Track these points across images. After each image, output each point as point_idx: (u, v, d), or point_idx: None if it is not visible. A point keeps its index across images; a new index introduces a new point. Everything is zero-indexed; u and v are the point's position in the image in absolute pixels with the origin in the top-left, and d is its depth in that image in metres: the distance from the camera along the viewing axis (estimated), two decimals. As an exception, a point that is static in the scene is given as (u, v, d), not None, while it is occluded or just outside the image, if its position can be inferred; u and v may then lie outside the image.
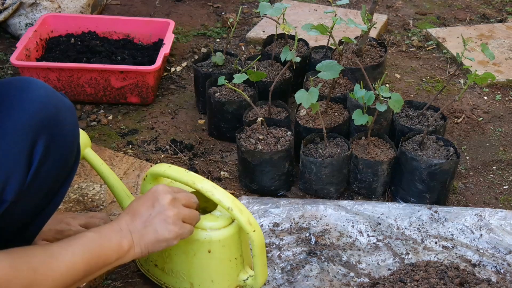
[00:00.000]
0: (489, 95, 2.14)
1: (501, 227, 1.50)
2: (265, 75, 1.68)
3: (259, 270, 1.24)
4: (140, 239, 1.11)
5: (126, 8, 2.71)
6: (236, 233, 1.23)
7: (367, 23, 1.72)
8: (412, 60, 2.36)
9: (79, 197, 1.58)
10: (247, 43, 2.45)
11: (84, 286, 1.33)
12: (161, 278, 1.32)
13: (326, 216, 1.53)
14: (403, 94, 2.13)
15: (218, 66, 1.94)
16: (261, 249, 1.21)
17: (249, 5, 2.80)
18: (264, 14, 1.68)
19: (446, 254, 1.43)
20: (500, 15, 2.71)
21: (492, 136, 1.94)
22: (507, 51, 2.37)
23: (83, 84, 1.95)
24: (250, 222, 1.18)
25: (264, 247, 1.22)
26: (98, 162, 1.36)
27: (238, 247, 1.24)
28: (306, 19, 2.54)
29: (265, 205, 1.57)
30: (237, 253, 1.25)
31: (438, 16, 2.70)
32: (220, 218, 1.23)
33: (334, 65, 1.52)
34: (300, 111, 1.75)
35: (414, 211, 1.55)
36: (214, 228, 1.21)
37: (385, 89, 1.51)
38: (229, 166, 1.78)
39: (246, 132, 1.66)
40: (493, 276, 1.37)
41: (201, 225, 1.21)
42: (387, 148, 1.64)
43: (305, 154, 1.61)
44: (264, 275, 1.26)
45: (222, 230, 1.21)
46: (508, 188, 1.72)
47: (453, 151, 1.59)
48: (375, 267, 1.40)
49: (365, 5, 2.37)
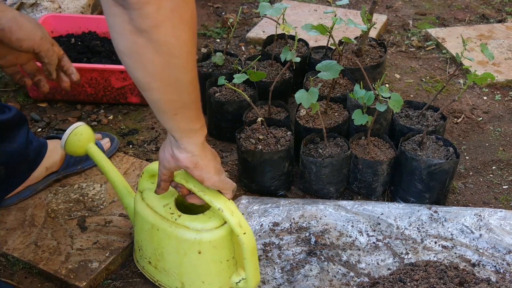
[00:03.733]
0: (488, 95, 2.15)
1: (501, 227, 1.50)
2: (265, 75, 1.68)
3: (250, 273, 1.23)
4: None
5: (126, 8, 2.71)
6: (228, 235, 1.21)
7: (367, 23, 1.72)
8: (412, 60, 2.36)
9: (79, 197, 1.58)
10: (247, 43, 2.45)
11: (83, 286, 1.34)
12: (155, 275, 1.32)
13: (326, 216, 1.53)
14: (403, 94, 2.13)
15: (218, 66, 1.94)
16: (252, 252, 1.20)
17: (249, 5, 2.80)
18: (264, 14, 1.69)
19: (445, 254, 1.44)
20: (499, 15, 2.71)
21: (492, 136, 1.94)
22: (506, 51, 2.37)
23: (83, 84, 1.96)
24: (241, 225, 1.17)
25: (256, 250, 1.21)
26: (100, 157, 1.36)
27: (230, 249, 1.23)
28: (306, 19, 2.54)
29: (265, 205, 1.57)
30: (229, 255, 1.24)
31: (437, 16, 2.70)
32: (212, 219, 1.22)
33: (334, 65, 1.52)
34: (300, 111, 1.75)
35: (414, 211, 1.55)
36: (205, 229, 1.20)
37: (385, 89, 1.51)
38: (229, 166, 1.78)
39: (246, 132, 1.66)
40: (492, 275, 1.37)
41: (192, 225, 1.21)
42: (387, 148, 1.65)
43: (305, 154, 1.61)
44: (256, 278, 1.25)
45: (213, 231, 1.20)
46: (507, 188, 1.72)
47: (453, 151, 1.59)
48: (375, 267, 1.41)
49: (365, 5, 2.37)
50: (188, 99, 1.01)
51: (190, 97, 1.02)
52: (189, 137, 1.06)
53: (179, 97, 1.00)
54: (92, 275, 1.36)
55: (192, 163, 1.09)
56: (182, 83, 0.98)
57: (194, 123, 1.06)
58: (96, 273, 1.36)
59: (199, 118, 1.07)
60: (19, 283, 1.38)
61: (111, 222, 1.50)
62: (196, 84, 1.02)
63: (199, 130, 1.07)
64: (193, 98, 1.03)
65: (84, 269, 1.37)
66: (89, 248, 1.43)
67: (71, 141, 1.34)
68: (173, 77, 0.96)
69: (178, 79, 0.97)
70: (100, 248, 1.43)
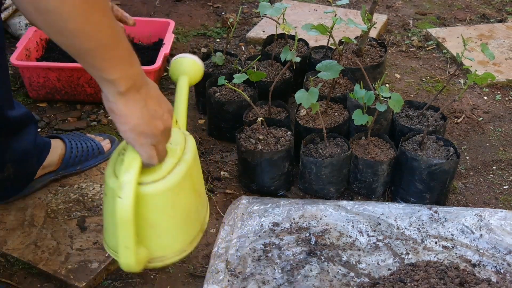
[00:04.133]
0: (489, 95, 2.14)
1: (501, 227, 1.50)
2: (265, 75, 1.68)
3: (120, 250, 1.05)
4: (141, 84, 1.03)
5: (126, 8, 2.71)
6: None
7: (367, 23, 1.72)
8: (412, 60, 2.36)
9: (79, 197, 1.58)
10: (247, 43, 2.45)
11: (83, 286, 1.33)
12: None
13: (326, 216, 1.53)
14: (403, 94, 2.13)
15: (218, 66, 1.94)
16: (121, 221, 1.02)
17: (249, 5, 2.80)
18: (264, 14, 1.68)
19: (446, 254, 1.43)
20: (500, 15, 2.71)
21: (492, 136, 1.94)
22: (507, 51, 2.37)
23: (83, 84, 1.95)
24: (122, 187, 1.02)
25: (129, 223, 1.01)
26: (179, 92, 1.32)
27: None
28: (306, 19, 2.54)
29: (265, 205, 1.57)
30: None
31: (438, 16, 2.70)
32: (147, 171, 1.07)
33: (334, 65, 1.52)
34: (300, 111, 1.75)
35: (414, 211, 1.55)
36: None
37: (385, 89, 1.51)
38: (229, 166, 1.78)
39: (246, 132, 1.66)
40: (493, 276, 1.37)
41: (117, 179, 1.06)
42: (387, 148, 1.65)
43: (305, 154, 1.61)
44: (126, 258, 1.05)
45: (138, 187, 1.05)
46: (508, 188, 1.72)
47: (453, 151, 1.59)
48: (375, 267, 1.40)
49: (365, 5, 2.37)
50: (82, 48, 0.95)
51: (83, 46, 0.95)
52: (103, 85, 1.00)
53: (72, 45, 0.95)
54: (91, 275, 1.36)
55: (108, 109, 1.03)
56: (69, 31, 0.92)
57: (104, 72, 0.98)
58: (95, 273, 1.36)
59: (113, 68, 0.98)
60: (19, 283, 1.38)
61: (111, 222, 1.50)
62: (91, 33, 0.94)
63: (116, 80, 0.98)
64: (90, 47, 0.95)
65: (84, 269, 1.37)
66: (89, 248, 1.42)
67: (173, 65, 1.33)
68: (57, 26, 0.92)
69: (62, 28, 0.92)
70: (100, 248, 1.42)
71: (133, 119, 1.01)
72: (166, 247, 1.12)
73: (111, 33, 0.96)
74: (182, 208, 1.12)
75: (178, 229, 1.13)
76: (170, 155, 1.10)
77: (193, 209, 1.15)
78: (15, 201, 1.55)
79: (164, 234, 1.11)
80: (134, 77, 1.00)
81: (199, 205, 1.18)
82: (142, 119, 1.02)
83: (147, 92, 1.02)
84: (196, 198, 1.16)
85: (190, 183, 1.13)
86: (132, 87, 0.99)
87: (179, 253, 1.14)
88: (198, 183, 1.18)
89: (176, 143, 1.13)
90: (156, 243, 1.10)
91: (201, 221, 1.19)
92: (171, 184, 1.07)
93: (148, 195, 1.05)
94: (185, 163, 1.10)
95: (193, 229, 1.16)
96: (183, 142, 1.15)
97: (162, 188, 1.06)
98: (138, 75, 1.00)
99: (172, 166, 1.08)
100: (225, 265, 1.39)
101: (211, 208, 1.62)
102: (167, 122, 1.05)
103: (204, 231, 1.20)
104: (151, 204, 1.06)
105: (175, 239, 1.13)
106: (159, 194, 1.06)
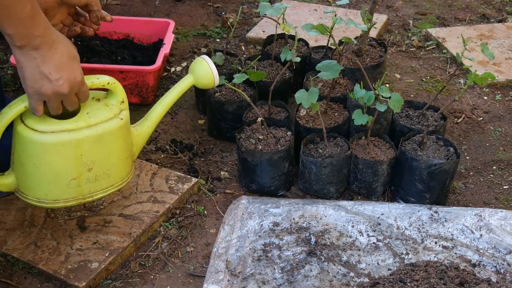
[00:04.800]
0: (489, 95, 2.14)
1: (501, 227, 1.50)
2: (265, 75, 1.68)
3: None
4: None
5: (126, 8, 2.71)
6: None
7: (367, 23, 1.72)
8: (412, 60, 2.36)
9: (79, 197, 1.58)
10: (247, 43, 2.45)
11: (83, 286, 1.33)
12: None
13: (326, 216, 1.53)
14: (403, 94, 2.13)
15: (218, 66, 1.93)
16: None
17: (249, 5, 2.80)
18: (264, 14, 1.68)
19: (446, 254, 1.43)
20: (500, 15, 2.71)
21: (492, 136, 1.94)
22: (507, 51, 2.37)
23: (83, 84, 1.95)
24: None
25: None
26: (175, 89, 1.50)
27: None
28: (306, 19, 2.54)
29: (265, 205, 1.57)
30: None
31: (438, 16, 2.70)
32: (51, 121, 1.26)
33: (334, 65, 1.52)
34: (300, 111, 1.75)
35: (414, 211, 1.55)
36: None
37: (385, 89, 1.51)
38: (229, 166, 1.78)
39: (246, 132, 1.66)
40: (493, 276, 1.37)
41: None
42: (387, 148, 1.65)
43: (305, 154, 1.61)
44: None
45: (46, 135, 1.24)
46: (508, 188, 1.72)
47: (453, 151, 1.59)
48: (375, 267, 1.41)
49: (365, 5, 2.37)
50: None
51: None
52: (5, 37, 1.13)
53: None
54: (91, 275, 1.36)
55: (14, 59, 1.19)
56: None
57: (3, 27, 1.10)
58: (95, 273, 1.36)
59: (10, 25, 1.10)
60: (19, 283, 1.38)
61: (110, 222, 1.50)
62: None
63: (11, 35, 1.11)
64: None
65: (84, 269, 1.37)
66: (89, 248, 1.42)
67: (193, 62, 1.47)
68: None
69: None
70: (99, 248, 1.42)
71: (24, 72, 1.15)
72: (29, 188, 1.31)
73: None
74: (49, 166, 1.26)
75: (40, 179, 1.28)
76: (73, 119, 1.26)
77: (64, 174, 1.28)
78: (15, 201, 1.55)
79: (29, 177, 1.28)
80: (31, 38, 1.12)
81: (77, 175, 1.30)
82: (32, 75, 1.15)
83: (46, 55, 1.15)
84: (77, 168, 1.29)
85: (74, 153, 1.27)
86: (26, 45, 1.12)
87: (37, 199, 1.31)
88: (87, 157, 1.29)
89: (92, 116, 1.28)
90: (22, 180, 1.30)
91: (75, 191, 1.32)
92: (46, 141, 1.24)
93: (24, 137, 1.24)
94: (75, 134, 1.25)
95: (59, 189, 1.30)
96: (98, 118, 1.29)
97: (37, 139, 1.23)
98: (37, 37, 1.13)
99: (59, 129, 1.24)
100: (225, 265, 1.39)
101: (211, 208, 1.62)
102: (59, 88, 1.17)
103: (79, 201, 1.34)
104: (24, 146, 1.25)
105: (36, 185, 1.29)
106: (33, 142, 1.24)
